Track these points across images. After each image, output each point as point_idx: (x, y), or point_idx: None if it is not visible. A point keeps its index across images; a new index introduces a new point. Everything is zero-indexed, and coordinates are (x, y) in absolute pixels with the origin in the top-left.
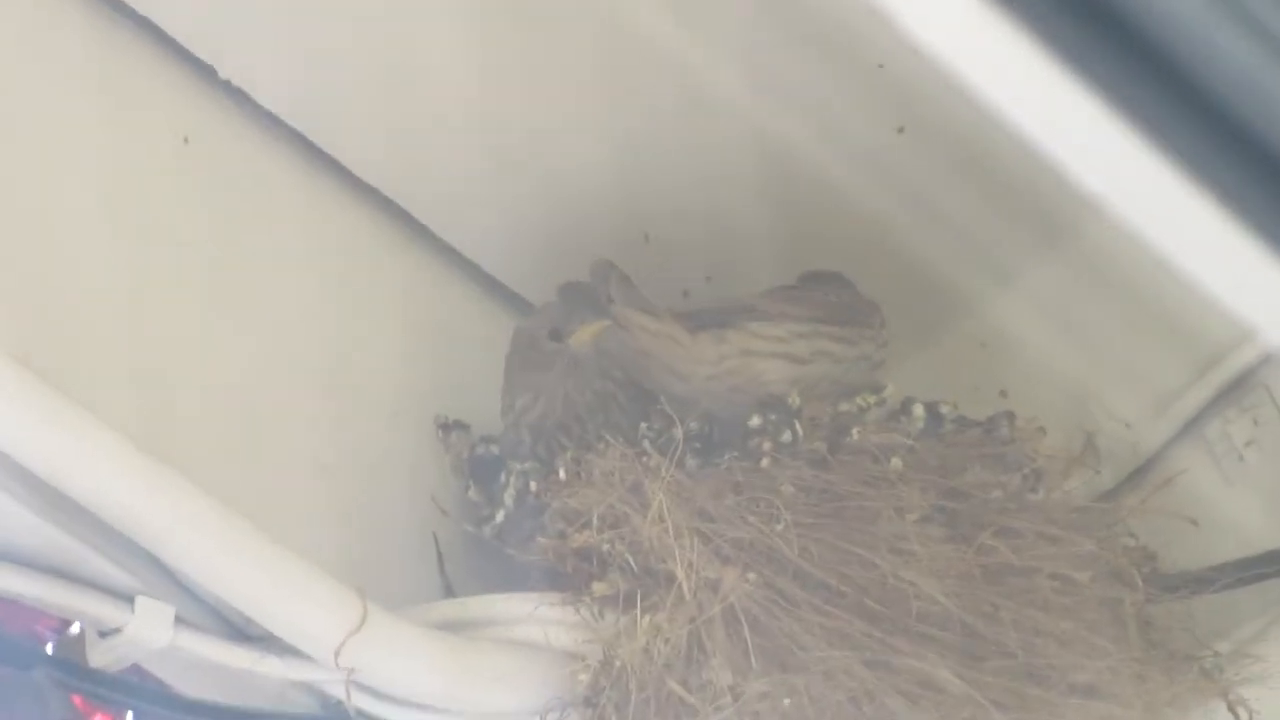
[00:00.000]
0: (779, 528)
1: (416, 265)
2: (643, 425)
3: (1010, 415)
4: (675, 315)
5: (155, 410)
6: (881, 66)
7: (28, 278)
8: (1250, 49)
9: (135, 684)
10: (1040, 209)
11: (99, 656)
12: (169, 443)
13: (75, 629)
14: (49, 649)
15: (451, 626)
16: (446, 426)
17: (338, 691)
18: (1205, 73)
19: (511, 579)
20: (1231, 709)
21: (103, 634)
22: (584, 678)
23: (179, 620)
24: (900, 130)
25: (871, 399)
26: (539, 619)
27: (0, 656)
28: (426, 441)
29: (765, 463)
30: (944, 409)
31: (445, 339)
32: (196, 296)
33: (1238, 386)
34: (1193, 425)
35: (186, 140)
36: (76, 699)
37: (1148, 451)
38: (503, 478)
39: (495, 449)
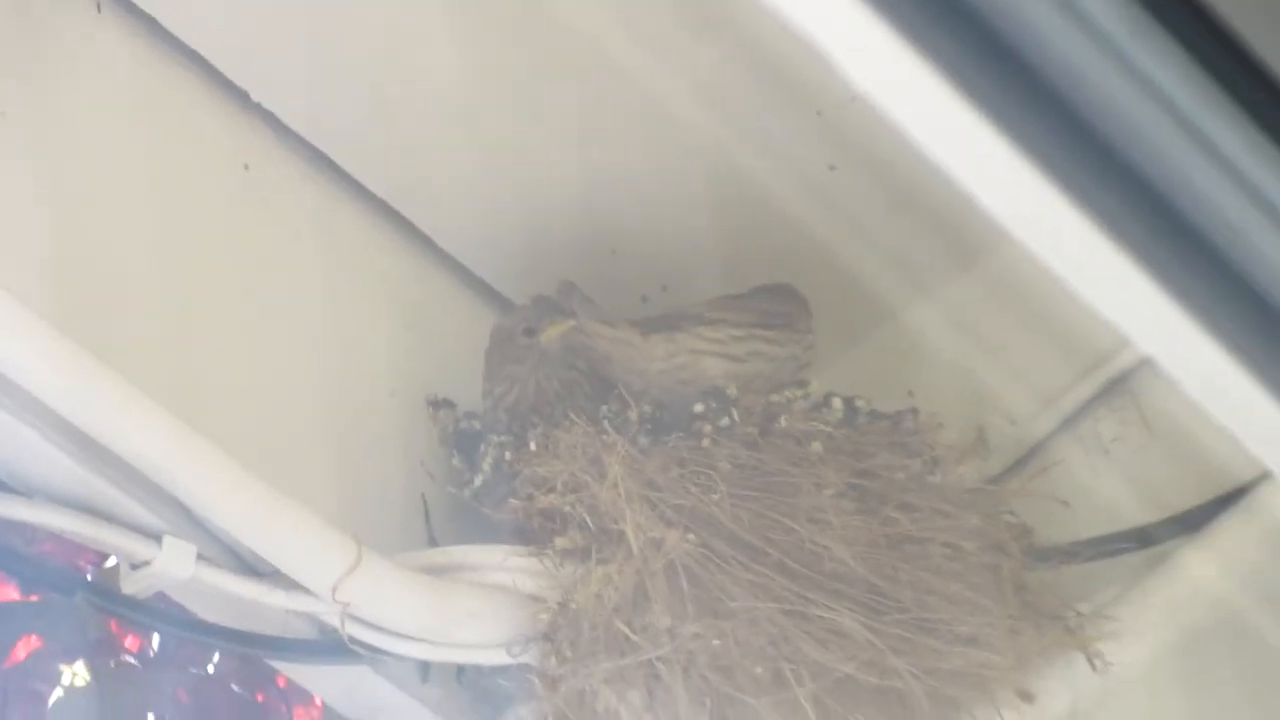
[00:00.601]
0: (715, 497)
1: (415, 266)
2: (603, 408)
3: (915, 411)
4: (631, 323)
5: (189, 384)
6: (819, 113)
7: (76, 265)
8: (1124, 89)
9: (160, 609)
10: (950, 234)
11: (130, 585)
12: (200, 411)
13: (110, 562)
14: (88, 578)
15: (433, 571)
16: (436, 404)
17: (334, 622)
18: (1091, 113)
19: (486, 533)
20: (1090, 660)
21: (134, 566)
22: (544, 617)
23: (200, 557)
24: (832, 168)
25: (798, 393)
26: (508, 567)
27: (48, 584)
28: (418, 416)
29: (706, 443)
30: (859, 404)
31: (437, 329)
32: (229, 290)
33: (1107, 391)
34: (1068, 423)
35: (247, 167)
36: (112, 622)
37: (1029, 444)
38: (482, 448)
39: (477, 424)
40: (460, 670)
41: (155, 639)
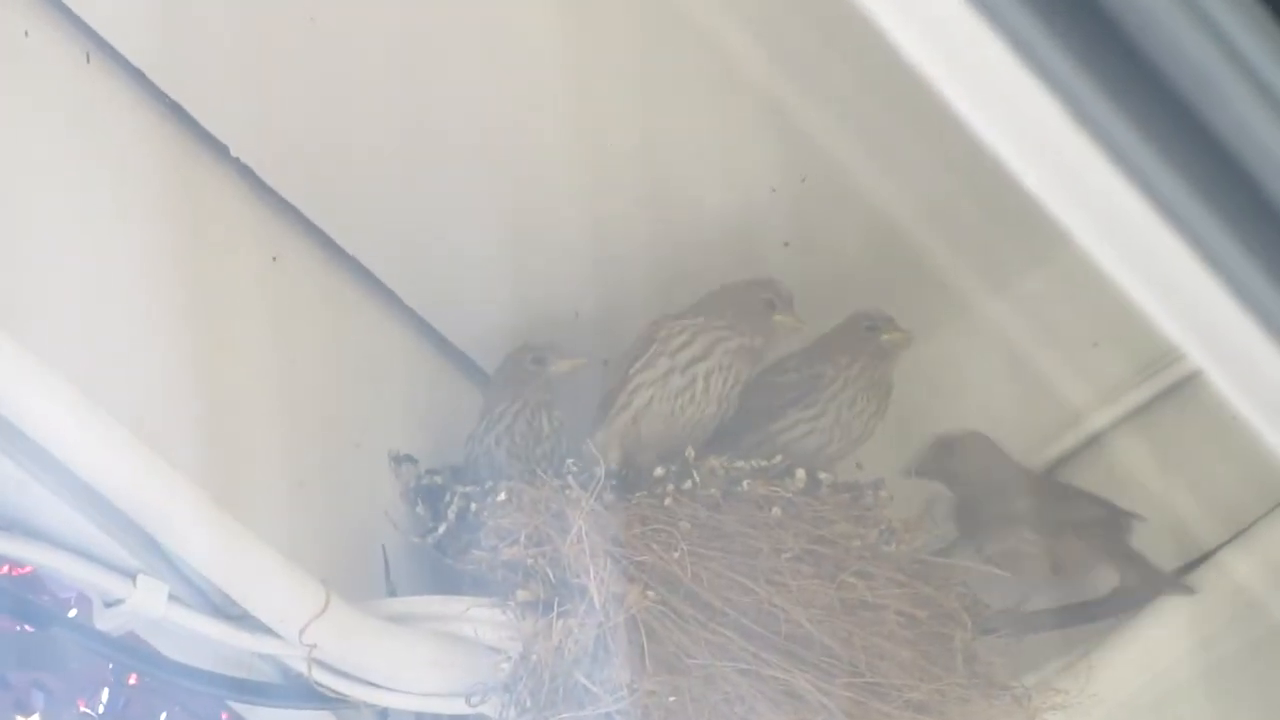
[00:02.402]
0: (676, 555)
1: (381, 323)
2: (568, 461)
3: (875, 485)
4: None
5: (160, 427)
6: (774, 190)
7: (58, 303)
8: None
9: (131, 645)
10: (935, 289)
11: (104, 622)
12: (169, 455)
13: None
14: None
15: (396, 619)
16: (398, 459)
17: (299, 665)
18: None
19: (446, 584)
20: None
21: (108, 604)
22: (505, 668)
23: (172, 596)
24: (786, 244)
25: (762, 462)
26: (470, 618)
27: (27, 617)
28: (382, 470)
29: (668, 501)
30: (822, 476)
31: (401, 385)
32: (196, 337)
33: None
34: None
35: (218, 218)
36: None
37: None
38: (448, 497)
39: (439, 479)
40: (419, 719)
41: (105, 694)
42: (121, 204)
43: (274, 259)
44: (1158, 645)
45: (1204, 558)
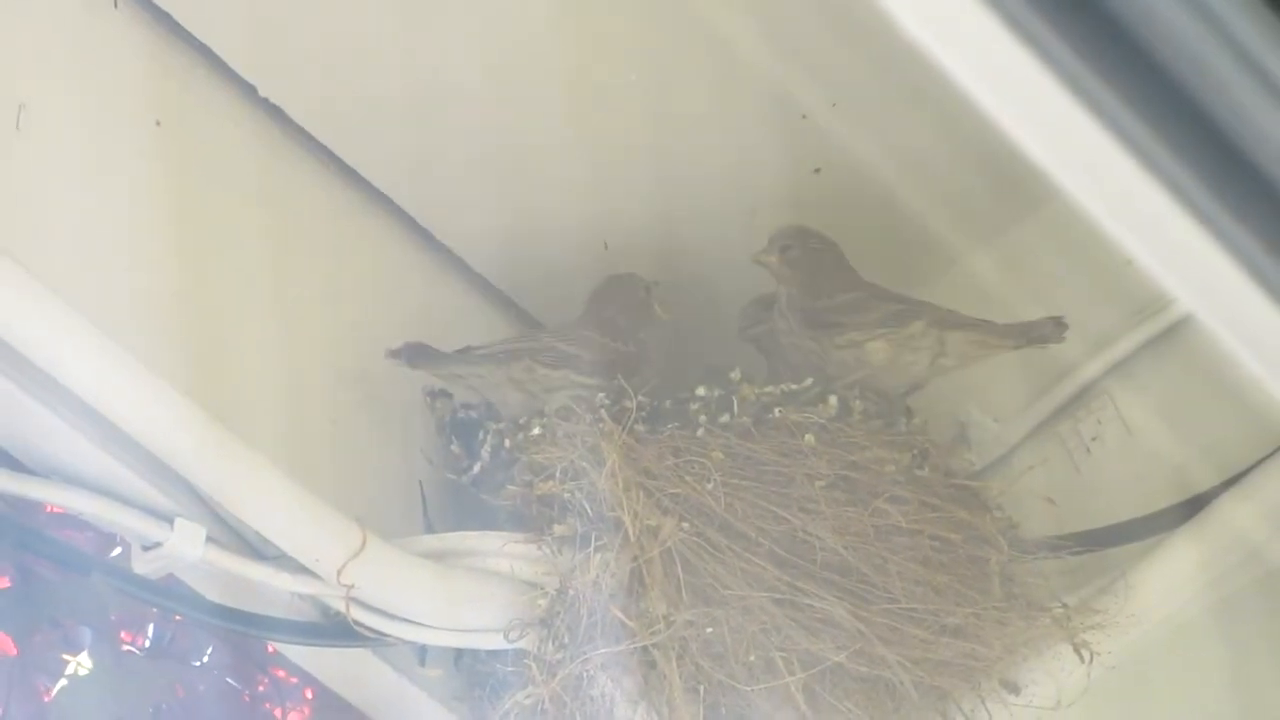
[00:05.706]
0: (709, 486)
1: (415, 259)
2: (599, 395)
3: (908, 410)
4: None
5: (197, 371)
6: (804, 117)
7: (103, 261)
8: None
9: (170, 588)
10: (926, 243)
11: (141, 566)
12: (224, 400)
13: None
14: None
15: (433, 556)
16: (433, 394)
17: (338, 605)
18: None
19: (482, 520)
20: (1076, 651)
21: (145, 547)
22: (542, 603)
23: (209, 539)
24: (817, 170)
25: (793, 386)
26: (507, 553)
27: (66, 562)
28: (417, 406)
29: (700, 432)
30: (855, 403)
31: (436, 323)
32: (238, 280)
33: (1086, 392)
34: (1049, 422)
35: (258, 164)
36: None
37: (1011, 442)
38: (481, 435)
39: (474, 413)
40: (458, 655)
41: (150, 629)
42: (165, 150)
43: (322, 206)
44: (1184, 567)
45: (1201, 502)
